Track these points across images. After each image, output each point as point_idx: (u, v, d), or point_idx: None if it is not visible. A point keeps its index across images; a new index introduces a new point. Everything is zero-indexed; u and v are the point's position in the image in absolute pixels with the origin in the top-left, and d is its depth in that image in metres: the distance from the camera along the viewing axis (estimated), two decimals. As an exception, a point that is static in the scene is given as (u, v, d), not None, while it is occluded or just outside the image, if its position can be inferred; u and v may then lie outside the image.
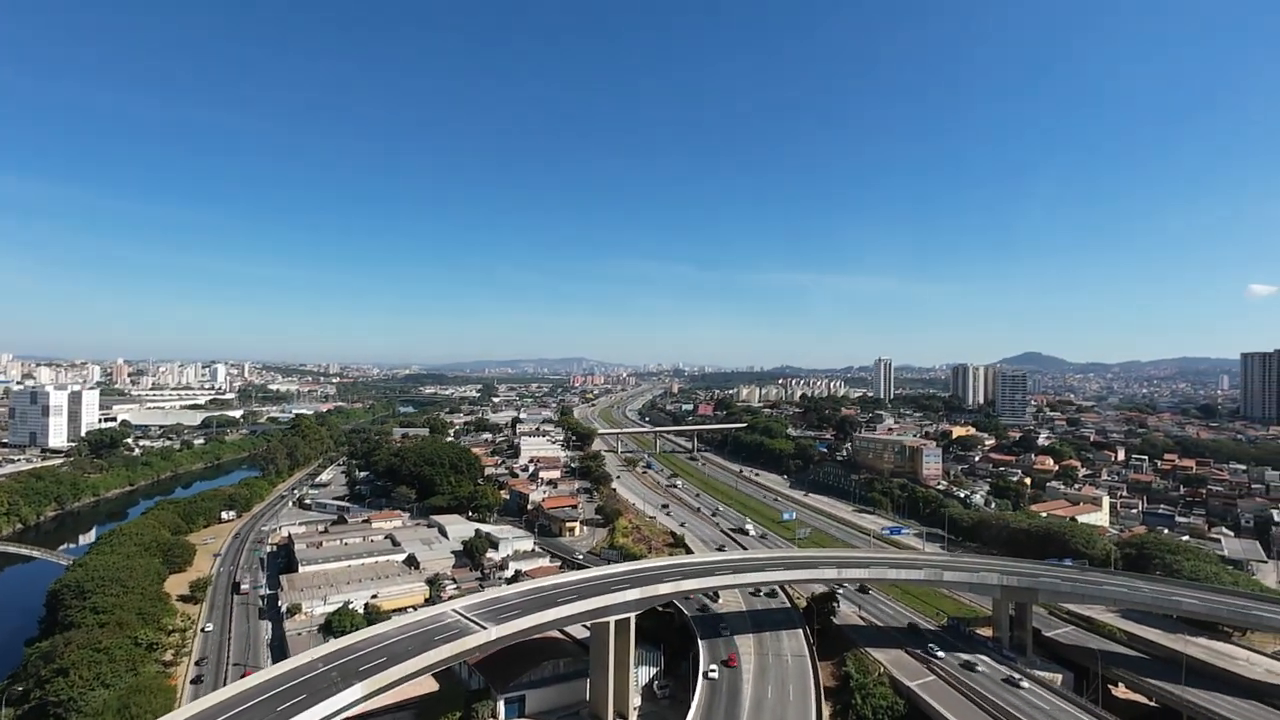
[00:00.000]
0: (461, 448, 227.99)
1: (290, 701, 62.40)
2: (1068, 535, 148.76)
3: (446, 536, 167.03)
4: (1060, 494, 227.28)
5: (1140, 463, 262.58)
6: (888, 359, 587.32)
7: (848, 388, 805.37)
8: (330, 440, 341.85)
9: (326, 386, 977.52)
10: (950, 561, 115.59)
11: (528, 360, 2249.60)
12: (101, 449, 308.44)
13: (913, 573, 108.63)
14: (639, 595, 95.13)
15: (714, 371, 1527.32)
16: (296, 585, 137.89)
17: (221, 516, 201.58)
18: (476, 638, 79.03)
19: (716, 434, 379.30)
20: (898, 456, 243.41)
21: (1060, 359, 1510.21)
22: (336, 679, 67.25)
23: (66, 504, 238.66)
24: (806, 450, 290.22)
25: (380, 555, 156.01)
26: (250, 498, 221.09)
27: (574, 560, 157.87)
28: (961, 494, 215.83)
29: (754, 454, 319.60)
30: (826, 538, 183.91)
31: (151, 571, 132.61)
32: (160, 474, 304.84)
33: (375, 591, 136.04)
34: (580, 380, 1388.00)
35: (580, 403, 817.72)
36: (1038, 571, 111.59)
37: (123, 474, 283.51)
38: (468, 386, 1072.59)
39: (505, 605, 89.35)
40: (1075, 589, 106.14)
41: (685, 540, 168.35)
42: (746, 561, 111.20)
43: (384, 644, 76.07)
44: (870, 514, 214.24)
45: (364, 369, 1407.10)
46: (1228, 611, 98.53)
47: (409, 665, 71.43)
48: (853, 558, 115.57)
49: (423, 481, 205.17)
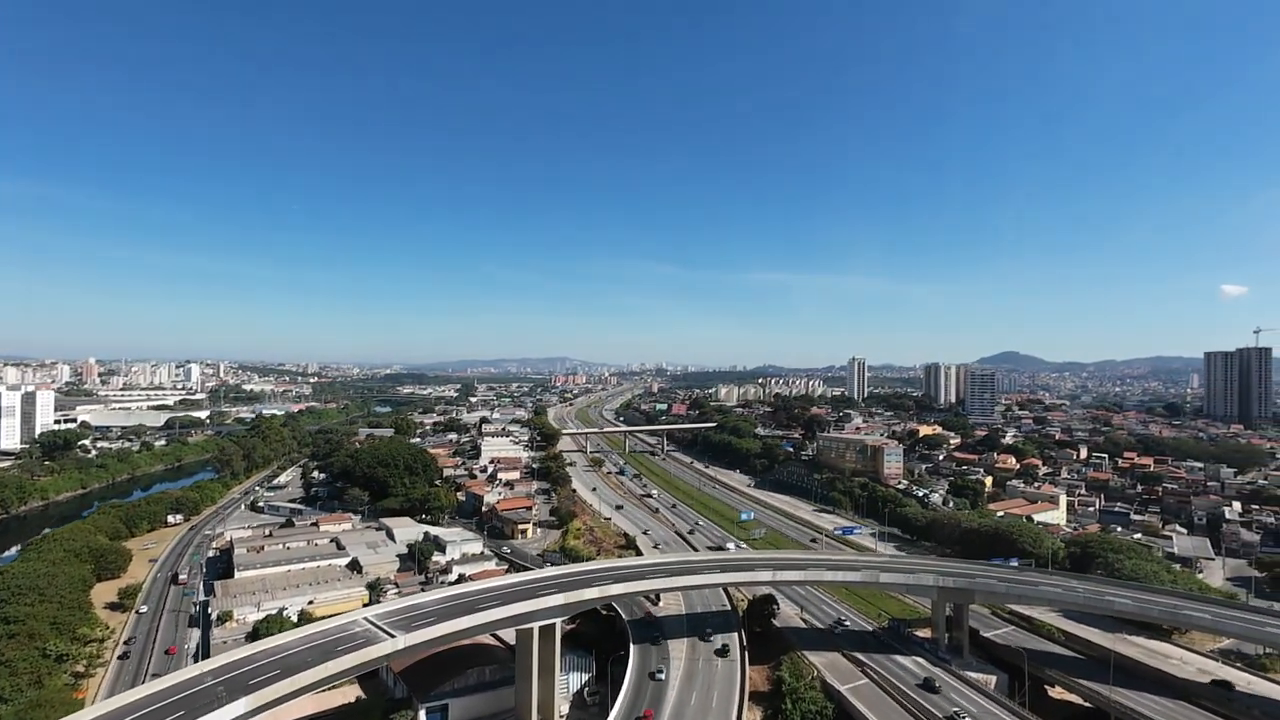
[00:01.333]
0: (418, 449, 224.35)
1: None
2: (1015, 535, 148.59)
3: (393, 540, 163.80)
4: (1019, 493, 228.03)
5: (1100, 461, 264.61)
6: (861, 358, 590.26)
7: (826, 387, 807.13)
8: (294, 441, 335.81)
9: (303, 386, 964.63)
10: (888, 563, 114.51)
11: (511, 360, 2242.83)
12: (55, 451, 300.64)
13: (849, 574, 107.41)
14: (564, 600, 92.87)
15: (697, 371, 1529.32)
16: (231, 591, 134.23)
17: (168, 520, 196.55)
18: (381, 647, 76.35)
19: (688, 434, 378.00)
20: (859, 456, 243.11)
21: (1038, 358, 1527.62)
22: (222, 694, 64.36)
23: (11, 508, 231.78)
24: (773, 450, 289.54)
25: (323, 560, 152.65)
26: (200, 501, 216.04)
27: (520, 563, 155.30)
28: (920, 493, 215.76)
29: (722, 453, 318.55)
30: (782, 538, 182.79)
31: (76, 579, 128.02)
32: (116, 476, 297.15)
33: (312, 597, 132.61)
34: (562, 380, 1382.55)
35: (559, 402, 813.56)
36: (974, 572, 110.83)
37: (75, 476, 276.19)
38: (447, 386, 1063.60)
39: (422, 612, 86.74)
40: (1011, 589, 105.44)
41: (637, 542, 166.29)
42: (681, 565, 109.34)
43: (282, 655, 73.18)
44: (830, 514, 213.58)
45: (344, 369, 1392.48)
46: (1158, 611, 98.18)
47: (303, 678, 68.61)
48: (789, 560, 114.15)
49: (376, 483, 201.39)
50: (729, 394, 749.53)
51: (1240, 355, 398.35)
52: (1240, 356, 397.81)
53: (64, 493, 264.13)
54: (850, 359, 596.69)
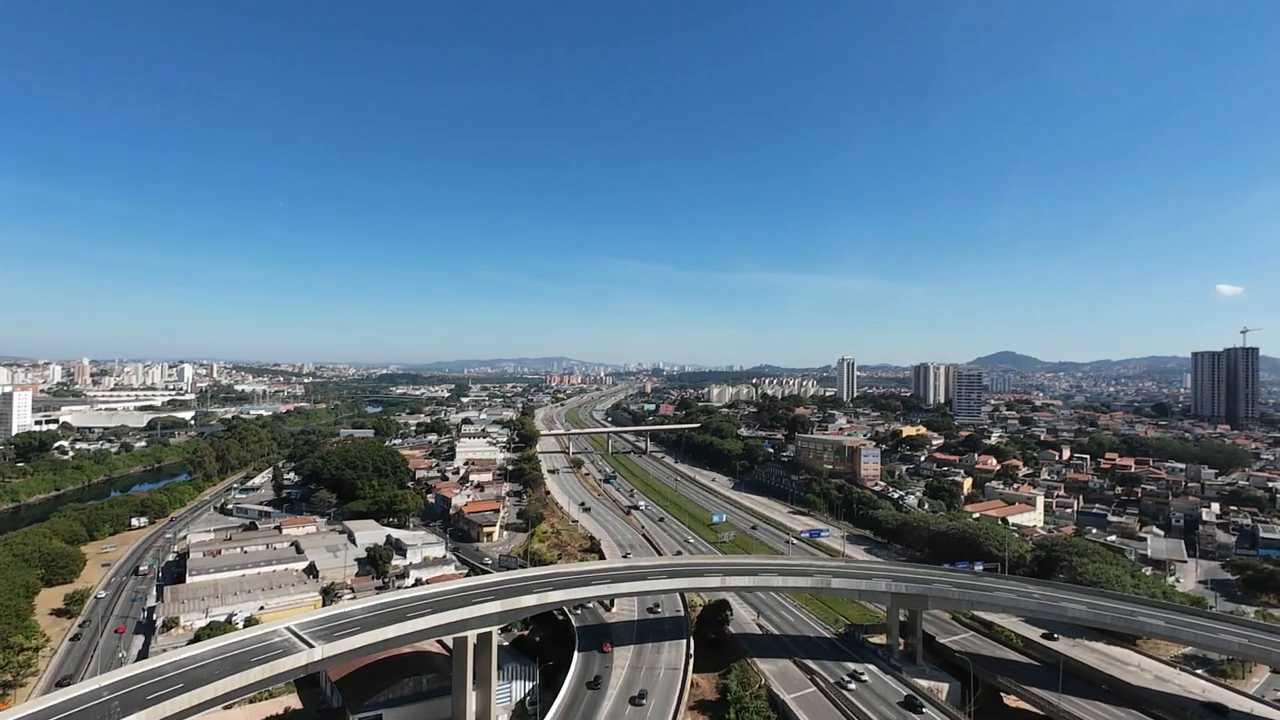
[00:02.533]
0: (388, 450, 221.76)
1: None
2: (982, 538, 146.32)
3: (355, 543, 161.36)
4: (998, 494, 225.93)
5: (1081, 462, 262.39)
6: (850, 358, 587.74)
7: (820, 387, 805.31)
8: (273, 442, 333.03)
9: (295, 387, 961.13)
10: (840, 568, 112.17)
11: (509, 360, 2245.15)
12: (30, 452, 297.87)
13: (800, 580, 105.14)
14: (499, 608, 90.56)
15: (694, 371, 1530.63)
16: (180, 597, 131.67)
17: (131, 524, 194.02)
18: (296, 659, 73.96)
19: (672, 434, 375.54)
20: (837, 457, 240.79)
21: (1033, 358, 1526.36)
22: (116, 709, 61.94)
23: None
24: (754, 451, 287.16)
25: (279, 564, 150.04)
26: (169, 503, 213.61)
27: (481, 567, 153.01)
28: (896, 495, 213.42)
29: (704, 454, 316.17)
30: (752, 541, 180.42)
31: (18, 585, 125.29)
32: (92, 478, 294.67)
33: (264, 603, 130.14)
34: (557, 380, 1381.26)
35: (551, 403, 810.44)
36: (929, 577, 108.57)
37: (48, 478, 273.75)
38: (441, 386, 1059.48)
39: (347, 621, 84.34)
40: (964, 595, 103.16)
41: (601, 545, 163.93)
42: (627, 570, 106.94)
43: (191, 667, 70.75)
44: (805, 515, 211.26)
45: (339, 369, 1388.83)
46: (1111, 618, 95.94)
47: (205, 691, 66.18)
48: (740, 565, 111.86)
49: (344, 485, 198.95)
50: (721, 394, 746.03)
51: (1228, 355, 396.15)
52: (1228, 356, 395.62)
53: (36, 495, 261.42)
54: (839, 359, 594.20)
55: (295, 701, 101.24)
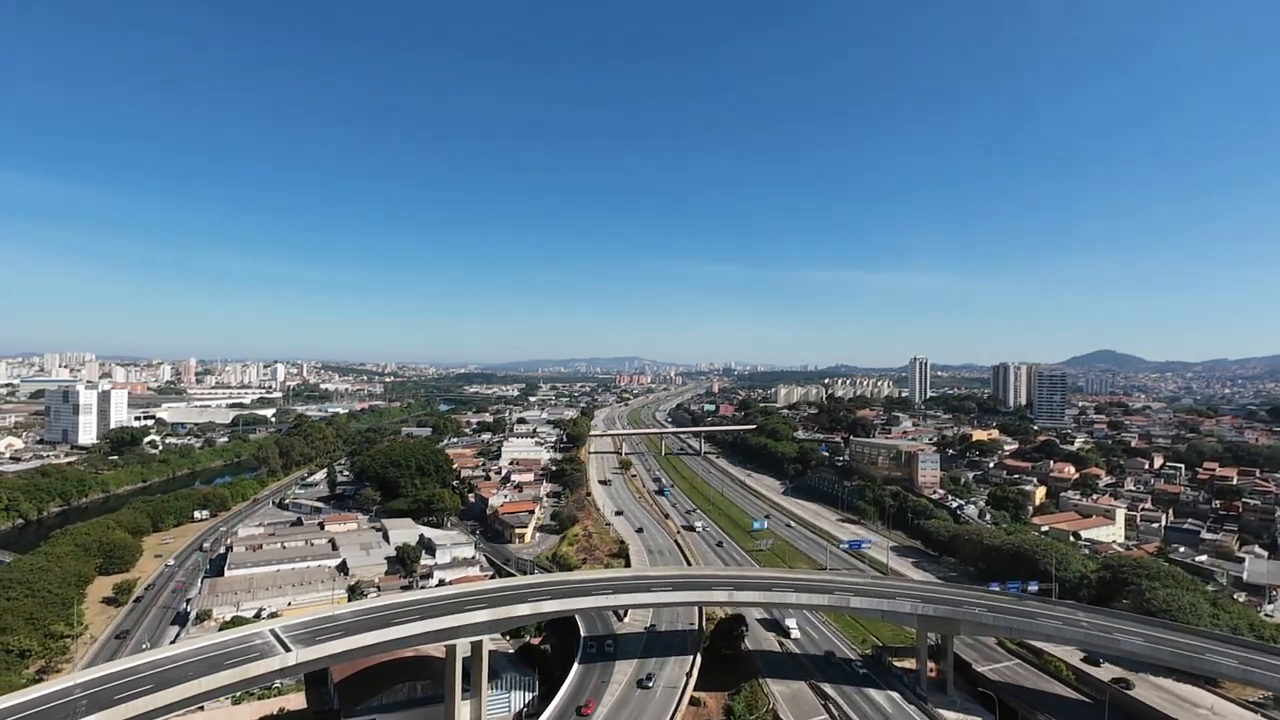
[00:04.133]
0: (432, 448, 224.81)
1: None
2: (1039, 555, 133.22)
3: (388, 541, 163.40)
4: (1072, 505, 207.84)
5: (1174, 471, 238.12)
6: (923, 358, 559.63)
7: (895, 388, 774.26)
8: (338, 440, 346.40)
9: (375, 385, 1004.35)
10: (865, 585, 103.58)
11: (582, 360, 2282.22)
12: (121, 446, 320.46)
13: (816, 597, 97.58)
14: (490, 616, 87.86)
15: (766, 371, 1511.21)
16: (217, 590, 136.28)
17: (195, 516, 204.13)
18: (269, 663, 73.25)
19: (728, 435, 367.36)
20: (893, 462, 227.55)
21: (1137, 357, 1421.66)
22: (81, 708, 62.46)
23: (71, 500, 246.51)
24: (808, 454, 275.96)
25: (314, 560, 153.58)
26: (230, 498, 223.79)
27: (507, 569, 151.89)
28: (954, 504, 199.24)
29: (757, 457, 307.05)
30: (791, 550, 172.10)
31: (71, 574, 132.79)
32: (176, 471, 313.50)
33: (292, 599, 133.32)
34: (626, 379, 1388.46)
35: (615, 402, 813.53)
36: (961, 599, 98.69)
37: (136, 471, 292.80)
38: (512, 385, 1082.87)
39: (334, 625, 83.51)
40: (1000, 621, 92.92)
41: (630, 551, 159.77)
42: (630, 581, 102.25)
43: (165, 668, 71.01)
44: (855, 524, 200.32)
45: (420, 368, 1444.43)
46: (1170, 654, 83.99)
47: (172, 693, 66.02)
48: (752, 579, 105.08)
49: (388, 483, 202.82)
50: (788, 395, 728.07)
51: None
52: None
53: (125, 486, 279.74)
54: (911, 359, 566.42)
55: (301, 701, 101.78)
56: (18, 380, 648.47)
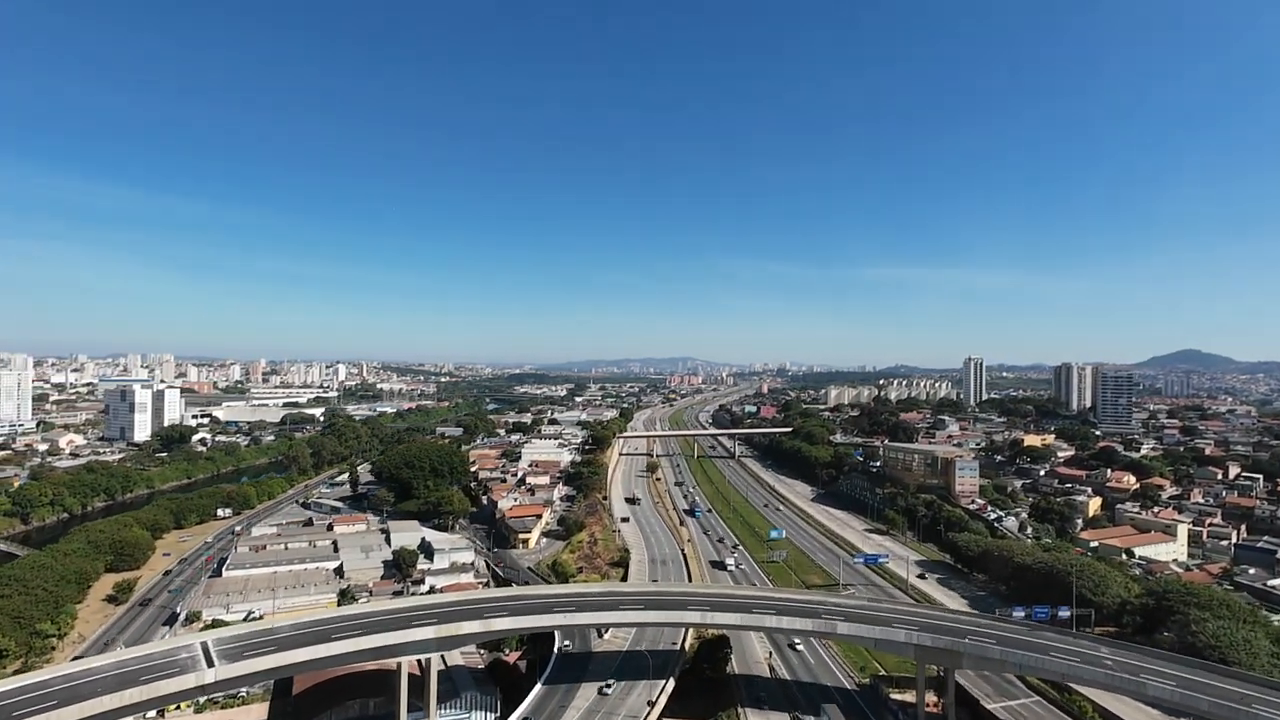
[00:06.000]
0: (447, 449, 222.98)
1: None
2: (1074, 576, 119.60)
3: (390, 544, 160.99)
4: (1128, 518, 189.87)
5: (1251, 482, 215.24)
6: (978, 358, 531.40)
7: (954, 389, 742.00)
8: (374, 440, 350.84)
9: (429, 385, 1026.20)
10: (855, 609, 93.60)
11: (635, 360, 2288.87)
12: (171, 444, 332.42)
13: (800, 621, 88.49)
14: (435, 634, 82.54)
15: (823, 371, 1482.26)
16: (213, 590, 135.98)
17: (217, 514, 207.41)
18: (188, 679, 69.65)
19: (765, 438, 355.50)
20: (928, 469, 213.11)
21: (1225, 358, 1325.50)
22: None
23: (116, 495, 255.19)
24: (843, 459, 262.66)
25: (314, 562, 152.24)
26: (255, 496, 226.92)
27: (505, 577, 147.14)
28: (993, 515, 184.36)
29: (790, 460, 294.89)
30: (806, 562, 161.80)
31: (71, 573, 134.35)
32: (221, 468, 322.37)
33: (282, 601, 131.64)
34: (677, 380, 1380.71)
35: (661, 403, 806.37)
36: (965, 628, 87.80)
37: (181, 468, 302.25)
38: (561, 386, 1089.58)
39: (269, 639, 79.62)
40: (1009, 656, 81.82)
41: (631, 560, 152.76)
42: (597, 598, 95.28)
43: (78, 682, 68.23)
44: (882, 535, 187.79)
45: (476, 368, 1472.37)
46: (1208, 704, 71.58)
47: (72, 711, 62.92)
48: (730, 598, 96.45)
49: (401, 485, 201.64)
50: (838, 396, 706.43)
51: None
52: None
53: (169, 482, 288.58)
54: (965, 359, 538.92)
55: (264, 711, 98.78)
56: (97, 380, 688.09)
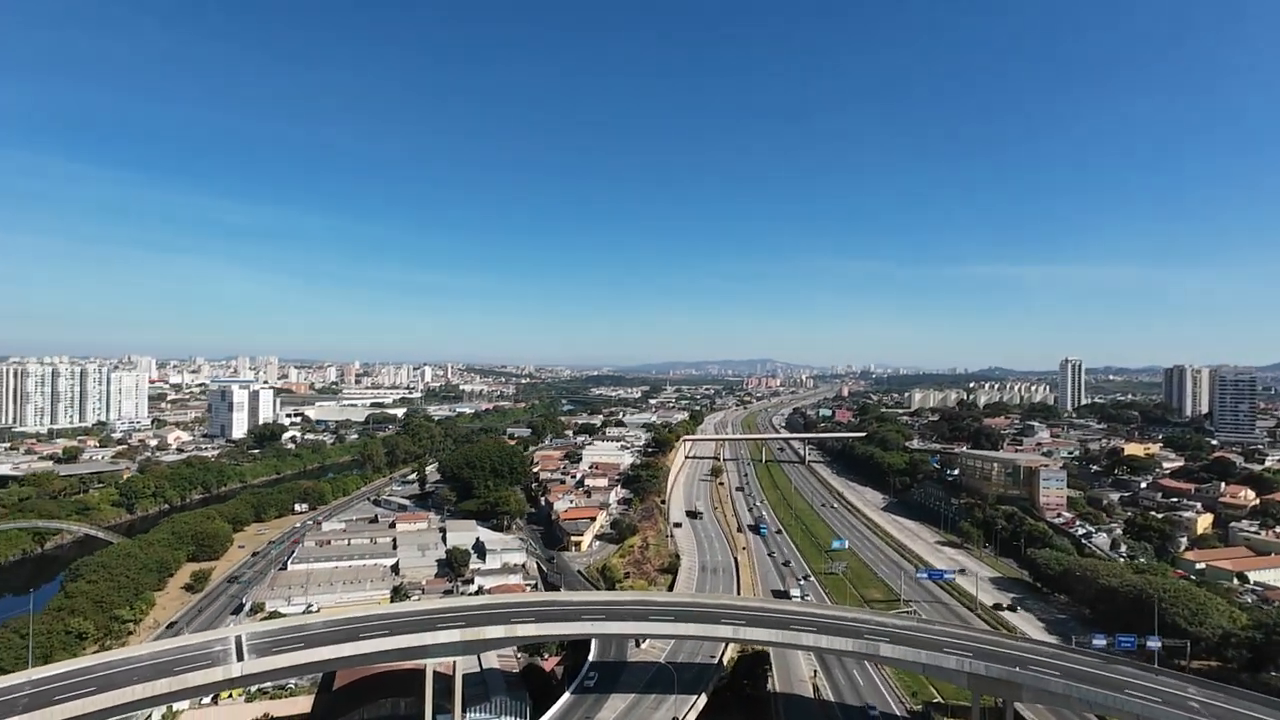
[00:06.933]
0: (508, 450, 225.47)
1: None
2: (1167, 602, 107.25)
3: (445, 543, 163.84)
4: (1243, 538, 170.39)
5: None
6: (1075, 359, 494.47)
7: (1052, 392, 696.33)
8: (447, 439, 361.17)
9: (509, 386, 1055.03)
10: (902, 630, 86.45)
11: (713, 362, 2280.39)
12: (263, 440, 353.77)
13: (840, 640, 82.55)
14: (460, 637, 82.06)
15: (909, 374, 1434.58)
16: (278, 583, 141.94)
17: (294, 509, 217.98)
18: (216, 672, 71.66)
19: (838, 443, 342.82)
20: (1008, 479, 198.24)
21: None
22: (20, 705, 63.53)
23: (212, 489, 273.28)
24: (918, 466, 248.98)
25: (372, 559, 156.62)
26: (330, 493, 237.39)
27: (554, 580, 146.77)
28: (1080, 531, 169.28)
29: (862, 466, 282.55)
30: (868, 575, 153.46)
31: (155, 561, 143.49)
32: (307, 464, 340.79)
33: (339, 596, 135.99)
34: (755, 382, 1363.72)
35: (736, 405, 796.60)
36: (1027, 656, 79.42)
37: (271, 464, 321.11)
38: (637, 388, 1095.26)
39: (300, 635, 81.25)
40: (1075, 691, 73.10)
41: (680, 567, 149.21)
42: (627, 606, 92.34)
43: (116, 670, 71.28)
44: (955, 548, 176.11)
45: (556, 370, 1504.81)
46: (1315, 763, 61.54)
47: (108, 698, 65.72)
48: (766, 612, 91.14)
49: (463, 484, 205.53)
50: (923, 399, 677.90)
51: None
52: None
53: (260, 477, 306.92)
54: (1061, 360, 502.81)
55: (308, 704, 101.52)
56: (209, 381, 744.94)
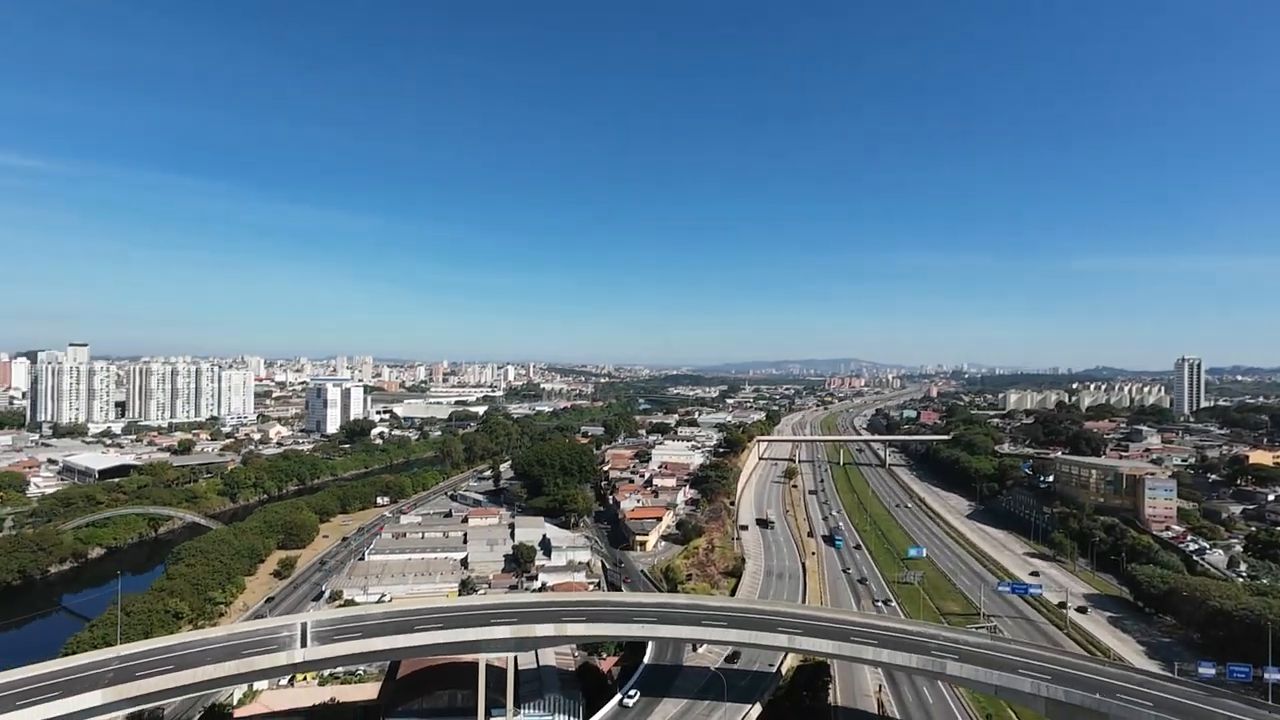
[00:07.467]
0: (579, 449, 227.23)
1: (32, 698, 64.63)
2: None
3: (514, 539, 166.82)
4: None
5: None
6: (1194, 358, 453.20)
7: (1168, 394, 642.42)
8: (524, 437, 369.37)
9: (588, 385, 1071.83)
10: (973, 648, 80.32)
11: (795, 361, 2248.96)
12: (354, 436, 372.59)
13: (904, 655, 77.81)
14: (511, 634, 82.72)
15: (1006, 374, 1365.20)
16: (355, 572, 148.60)
17: (377, 502, 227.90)
18: (279, 657, 75.08)
19: (922, 446, 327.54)
20: (1109, 487, 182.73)
21: None
22: (106, 679, 68.37)
23: (306, 481, 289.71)
24: (1007, 472, 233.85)
25: (443, 552, 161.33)
26: (410, 487, 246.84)
27: (615, 580, 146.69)
28: (1193, 546, 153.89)
29: (947, 471, 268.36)
30: (946, 585, 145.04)
31: (246, 548, 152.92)
32: (393, 459, 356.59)
33: (411, 587, 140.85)
34: (837, 382, 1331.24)
35: (815, 406, 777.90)
36: (1114, 684, 72.18)
37: (360, 458, 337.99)
38: (715, 387, 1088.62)
39: (359, 625, 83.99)
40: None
41: (745, 570, 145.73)
42: (680, 610, 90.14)
43: (193, 650, 75.77)
44: (1046, 560, 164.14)
45: (635, 370, 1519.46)
46: None
47: (182, 676, 69.82)
48: (825, 622, 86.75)
49: (534, 481, 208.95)
50: (1019, 400, 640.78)
51: None
52: None
53: (349, 471, 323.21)
54: (1178, 359, 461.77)
55: (375, 690, 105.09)
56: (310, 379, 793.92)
